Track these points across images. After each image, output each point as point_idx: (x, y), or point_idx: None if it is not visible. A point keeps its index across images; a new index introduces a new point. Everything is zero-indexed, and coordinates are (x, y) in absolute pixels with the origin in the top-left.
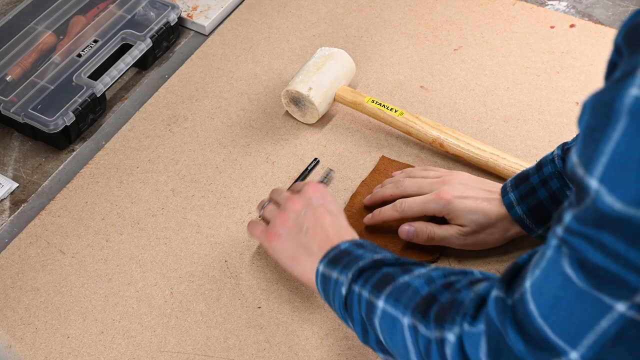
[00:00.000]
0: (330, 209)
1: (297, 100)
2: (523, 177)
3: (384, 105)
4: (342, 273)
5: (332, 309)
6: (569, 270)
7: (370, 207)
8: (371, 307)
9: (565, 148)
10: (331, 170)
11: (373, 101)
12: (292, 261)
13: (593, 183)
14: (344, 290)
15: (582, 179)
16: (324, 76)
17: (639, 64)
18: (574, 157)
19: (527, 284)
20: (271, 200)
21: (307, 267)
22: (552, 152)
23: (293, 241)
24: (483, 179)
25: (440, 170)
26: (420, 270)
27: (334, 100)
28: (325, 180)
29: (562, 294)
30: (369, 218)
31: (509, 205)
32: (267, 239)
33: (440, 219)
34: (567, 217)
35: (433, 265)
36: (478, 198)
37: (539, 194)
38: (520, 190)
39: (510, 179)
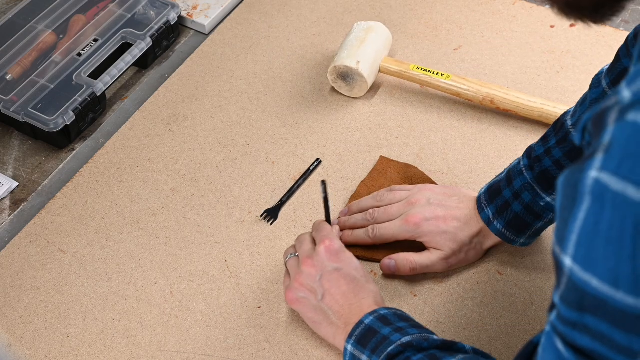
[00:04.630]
0: (346, 272)
1: (345, 75)
2: (496, 190)
3: (430, 70)
4: (371, 359)
5: None
6: (563, 351)
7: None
8: None
9: (533, 156)
10: (323, 183)
11: (418, 68)
12: (314, 324)
13: (567, 261)
14: None
15: (558, 257)
16: (368, 49)
17: (598, 148)
18: (553, 236)
19: None
20: (295, 251)
21: (329, 334)
22: (519, 162)
23: (311, 307)
24: (449, 189)
25: (406, 188)
26: None
27: (379, 71)
28: (325, 194)
29: None
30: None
31: (487, 221)
32: (287, 299)
33: (420, 244)
34: (556, 298)
35: (462, 351)
36: (448, 218)
37: (513, 207)
38: (496, 205)
39: (482, 190)
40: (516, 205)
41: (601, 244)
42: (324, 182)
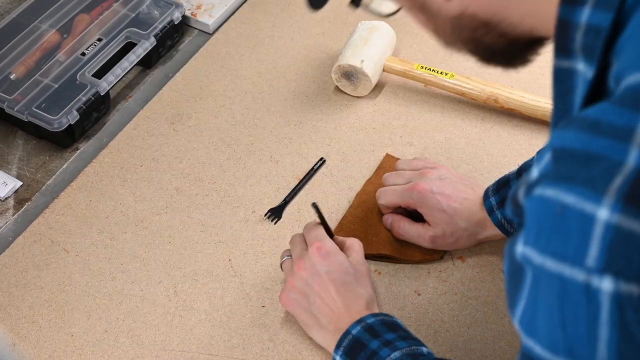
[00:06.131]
0: (335, 275)
1: (349, 74)
2: (504, 182)
3: (433, 70)
4: None
5: None
6: None
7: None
8: None
9: None
10: (314, 205)
11: (422, 67)
12: (305, 327)
13: (516, 325)
14: None
15: (512, 319)
16: (372, 48)
17: (522, 231)
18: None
19: None
20: (290, 253)
21: (320, 338)
22: (532, 158)
23: (303, 309)
24: (464, 176)
25: (427, 162)
26: None
27: (383, 70)
28: (320, 214)
29: None
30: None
31: (489, 210)
32: (281, 301)
33: (419, 216)
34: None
35: None
36: (452, 198)
37: None
38: (501, 195)
39: (492, 183)
40: None
41: (539, 313)
42: (315, 205)
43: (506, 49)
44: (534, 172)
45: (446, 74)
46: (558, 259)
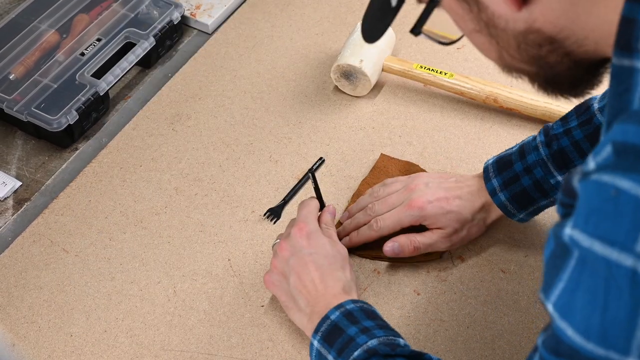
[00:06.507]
0: (314, 257)
1: (348, 74)
2: (506, 163)
3: (433, 69)
4: None
5: None
6: None
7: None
8: None
9: (551, 134)
10: (312, 174)
11: (421, 67)
12: (286, 309)
13: (550, 307)
14: None
15: (543, 302)
16: (371, 48)
17: (573, 212)
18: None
19: None
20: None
21: (297, 321)
22: (535, 139)
23: (283, 291)
24: (444, 173)
25: (400, 179)
26: None
27: (382, 70)
28: (316, 184)
29: None
30: (346, 241)
31: (492, 191)
32: (264, 283)
33: (418, 227)
34: (539, 340)
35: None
36: (450, 197)
37: (522, 181)
38: (504, 177)
39: (490, 161)
40: (526, 180)
41: (578, 296)
42: (313, 173)
43: (570, 71)
44: (591, 164)
45: (445, 74)
46: (606, 243)
